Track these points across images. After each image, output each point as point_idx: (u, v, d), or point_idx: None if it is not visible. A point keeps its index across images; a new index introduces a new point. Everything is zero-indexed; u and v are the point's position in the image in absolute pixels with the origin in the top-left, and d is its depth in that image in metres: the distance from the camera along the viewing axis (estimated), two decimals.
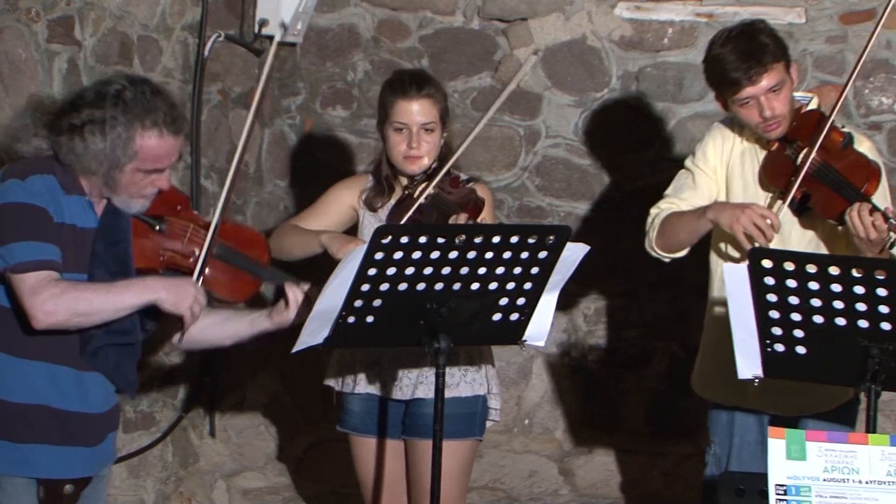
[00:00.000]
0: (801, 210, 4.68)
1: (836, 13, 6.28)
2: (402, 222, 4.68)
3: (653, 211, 4.85)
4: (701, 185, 4.82)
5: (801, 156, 4.62)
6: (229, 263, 4.32)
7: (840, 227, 4.59)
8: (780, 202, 4.64)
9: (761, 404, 4.67)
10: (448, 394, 4.71)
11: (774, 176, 4.69)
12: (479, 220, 4.71)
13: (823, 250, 4.70)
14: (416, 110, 4.79)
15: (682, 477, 6.31)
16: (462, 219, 4.62)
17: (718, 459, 4.84)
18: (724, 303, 4.71)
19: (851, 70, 4.72)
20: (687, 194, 4.82)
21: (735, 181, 4.79)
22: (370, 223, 4.84)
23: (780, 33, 4.77)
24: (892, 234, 4.43)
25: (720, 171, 4.83)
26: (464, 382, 4.80)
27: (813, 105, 4.82)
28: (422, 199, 4.70)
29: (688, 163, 4.89)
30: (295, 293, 4.35)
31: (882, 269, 3.86)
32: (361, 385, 4.86)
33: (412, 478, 4.87)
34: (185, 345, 4.38)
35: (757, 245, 4.51)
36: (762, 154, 4.76)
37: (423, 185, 4.75)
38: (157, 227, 4.20)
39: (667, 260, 4.86)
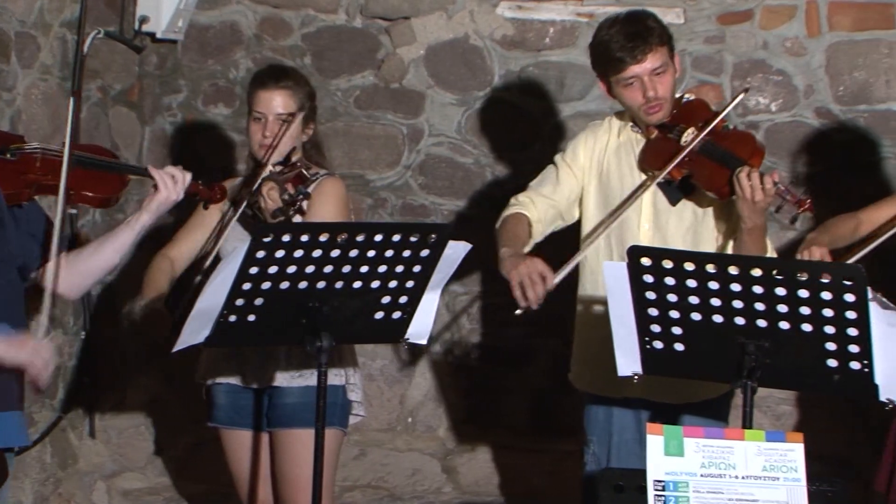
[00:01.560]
0: (685, 190, 4.72)
1: (714, 14, 6.35)
2: (241, 207, 4.71)
3: (512, 200, 4.90)
4: (563, 181, 4.87)
5: (687, 134, 4.68)
6: (88, 168, 4.38)
7: (722, 200, 4.64)
8: (648, 181, 4.69)
9: (647, 393, 4.70)
10: (303, 382, 4.75)
11: (656, 158, 4.73)
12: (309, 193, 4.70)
13: (702, 239, 4.75)
14: (272, 100, 4.85)
15: (565, 474, 6.34)
16: (269, 187, 4.63)
17: (598, 458, 4.87)
18: (589, 300, 4.83)
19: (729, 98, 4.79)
20: (548, 189, 4.87)
21: (612, 176, 4.83)
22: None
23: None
24: (780, 200, 4.51)
25: (589, 168, 4.86)
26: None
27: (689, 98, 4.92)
28: (258, 181, 4.71)
29: (557, 158, 4.93)
30: (160, 175, 4.39)
31: (758, 266, 3.91)
32: (224, 377, 4.88)
33: (277, 469, 4.88)
34: (74, 291, 4.40)
35: (527, 300, 4.58)
36: (638, 147, 4.81)
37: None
38: (8, 156, 4.28)
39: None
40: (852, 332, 3.89)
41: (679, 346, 4.10)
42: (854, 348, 3.92)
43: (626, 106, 4.77)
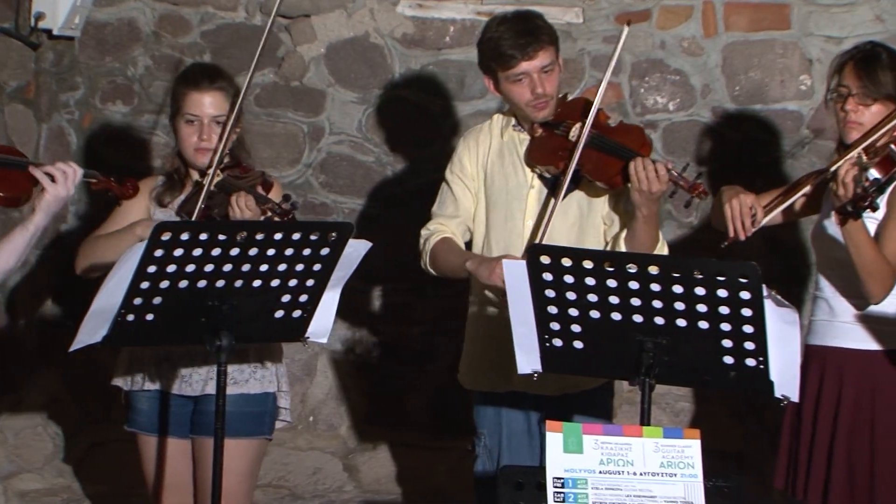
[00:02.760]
0: (572, 183, 4.76)
1: (612, 13, 6.39)
2: (195, 213, 4.66)
3: (423, 233, 4.93)
4: (460, 196, 4.90)
5: (574, 130, 4.72)
6: None
7: (605, 193, 4.69)
8: (561, 181, 4.72)
9: (526, 386, 4.74)
10: (237, 390, 4.71)
11: (544, 155, 4.77)
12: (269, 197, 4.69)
13: (587, 234, 4.79)
14: (207, 102, 4.78)
15: (467, 471, 6.34)
16: (245, 198, 4.61)
17: (490, 451, 4.89)
18: (480, 301, 4.85)
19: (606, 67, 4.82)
20: (450, 210, 4.91)
21: (496, 177, 4.86)
22: (160, 219, 4.78)
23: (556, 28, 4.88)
24: (674, 186, 4.56)
25: (478, 175, 4.90)
26: (253, 379, 4.78)
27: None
28: (211, 186, 4.68)
29: (447, 174, 4.95)
30: (41, 173, 4.36)
31: (655, 264, 3.94)
32: (150, 383, 4.81)
33: (199, 477, 4.81)
34: None
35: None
36: (522, 146, 4.84)
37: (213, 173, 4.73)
38: None
39: (436, 274, 4.94)
40: (748, 329, 3.93)
41: (578, 344, 4.12)
42: (750, 345, 3.96)
43: (512, 102, 4.81)
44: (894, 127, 4.57)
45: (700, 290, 3.91)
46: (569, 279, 4.01)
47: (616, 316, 4.02)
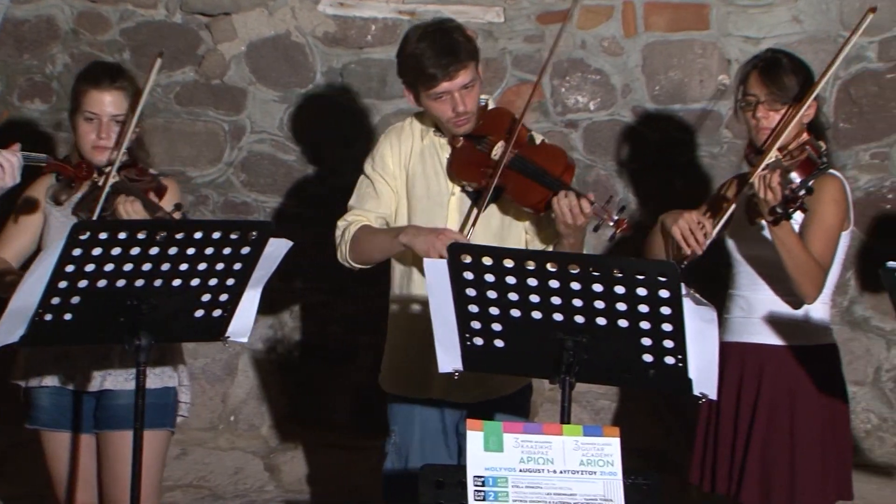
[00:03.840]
0: (493, 197, 4.78)
1: (534, 13, 6.41)
2: (96, 213, 4.64)
3: (340, 224, 4.89)
4: (382, 192, 4.88)
5: (497, 148, 4.73)
6: None
7: (537, 215, 4.71)
8: (477, 206, 4.73)
9: (445, 394, 4.76)
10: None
11: (465, 169, 4.78)
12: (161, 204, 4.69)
13: (508, 245, 4.79)
14: (107, 101, 4.80)
15: None
16: (132, 204, 4.61)
17: (399, 449, 4.89)
18: (400, 302, 4.85)
19: (540, 69, 4.84)
20: (371, 204, 4.88)
21: (417, 180, 4.86)
22: (57, 218, 4.81)
23: (473, 32, 4.87)
24: (598, 220, 4.58)
25: (399, 174, 4.89)
26: (153, 375, 4.77)
27: (490, 105, 4.98)
28: (107, 188, 4.66)
29: (367, 169, 4.93)
30: None
31: (575, 263, 3.96)
32: (50, 379, 4.81)
33: (105, 471, 4.83)
34: None
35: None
36: (443, 152, 4.84)
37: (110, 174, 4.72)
38: None
39: (357, 269, 4.91)
40: (667, 327, 3.96)
41: (499, 343, 4.13)
42: (669, 343, 3.99)
43: (433, 117, 4.81)
44: (798, 122, 4.64)
45: (619, 289, 3.93)
46: (489, 278, 4.02)
47: (536, 314, 4.04)
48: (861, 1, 6.21)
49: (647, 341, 4.00)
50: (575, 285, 3.96)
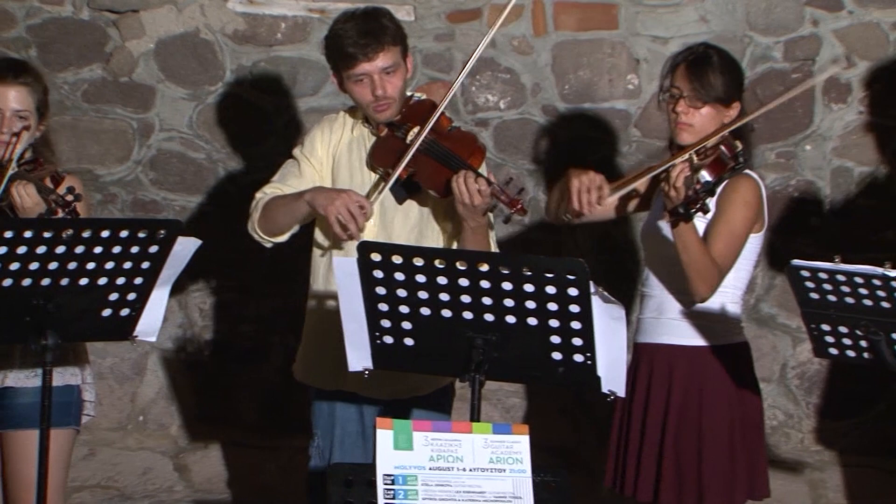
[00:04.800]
0: (410, 189, 4.77)
1: (444, 12, 6.42)
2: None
3: (257, 195, 4.86)
4: (306, 173, 4.86)
5: (412, 133, 4.73)
6: None
7: (444, 199, 4.70)
8: (384, 183, 4.72)
9: (361, 388, 4.74)
10: (38, 382, 4.63)
11: (383, 156, 4.77)
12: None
13: (427, 238, 4.80)
14: (11, 96, 4.77)
15: (297, 470, 6.33)
16: (25, 186, 4.57)
17: (321, 451, 4.89)
18: (322, 295, 4.82)
19: (461, 70, 4.84)
20: (292, 182, 4.85)
21: (342, 170, 4.85)
22: None
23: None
24: (495, 201, 4.57)
25: (326, 161, 4.88)
26: (55, 373, 4.72)
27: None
28: (4, 181, 4.62)
29: (295, 152, 4.92)
30: None
31: (485, 261, 3.97)
32: None
33: (9, 471, 4.79)
34: None
35: (349, 234, 4.58)
36: (370, 143, 4.84)
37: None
38: None
39: (268, 245, 4.88)
40: (576, 325, 3.98)
41: (409, 341, 4.13)
42: (578, 341, 4.01)
43: (356, 102, 4.80)
44: (719, 122, 4.65)
45: (529, 287, 3.95)
46: (399, 276, 4.02)
47: (446, 313, 4.04)
48: (767, 1, 6.30)
49: (556, 339, 4.02)
50: (485, 283, 3.97)
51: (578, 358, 4.04)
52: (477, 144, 4.76)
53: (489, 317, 4.02)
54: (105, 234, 4.06)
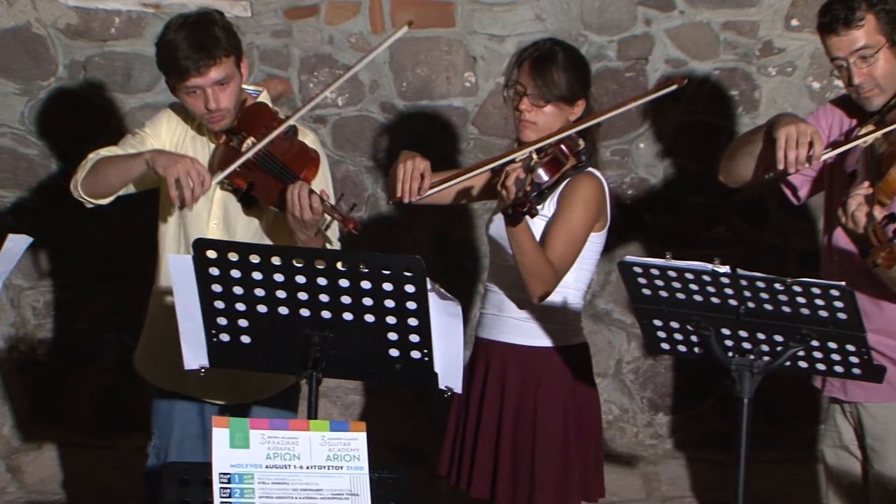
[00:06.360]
0: (249, 200, 4.76)
1: (281, 8, 6.39)
2: None
3: (90, 155, 4.78)
4: (148, 146, 4.78)
5: (246, 144, 4.70)
6: None
7: (282, 213, 4.68)
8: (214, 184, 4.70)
9: (202, 393, 4.72)
10: None
11: (221, 165, 4.74)
12: None
13: (269, 241, 4.79)
14: None
15: (134, 469, 6.26)
16: None
17: (158, 452, 4.86)
18: (164, 292, 4.76)
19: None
20: (131, 150, 4.78)
21: None
22: None
23: (233, 27, 4.83)
24: (327, 216, 4.56)
25: (169, 147, 4.82)
26: None
27: (262, 98, 4.90)
28: None
29: (138, 129, 4.88)
30: None
31: (321, 258, 3.97)
32: None
33: None
34: None
35: (183, 199, 4.53)
36: (212, 145, 4.81)
37: None
38: None
39: (89, 206, 4.80)
40: (413, 322, 4.01)
41: (246, 339, 4.13)
42: (415, 338, 4.04)
43: (189, 112, 4.76)
44: (563, 119, 4.67)
45: (366, 284, 3.96)
46: (235, 273, 4.02)
47: (283, 310, 4.04)
48: (600, 1, 6.37)
49: (393, 336, 4.04)
50: (321, 281, 3.98)
51: (416, 354, 4.06)
52: (311, 156, 4.72)
53: (326, 314, 4.03)
54: None
